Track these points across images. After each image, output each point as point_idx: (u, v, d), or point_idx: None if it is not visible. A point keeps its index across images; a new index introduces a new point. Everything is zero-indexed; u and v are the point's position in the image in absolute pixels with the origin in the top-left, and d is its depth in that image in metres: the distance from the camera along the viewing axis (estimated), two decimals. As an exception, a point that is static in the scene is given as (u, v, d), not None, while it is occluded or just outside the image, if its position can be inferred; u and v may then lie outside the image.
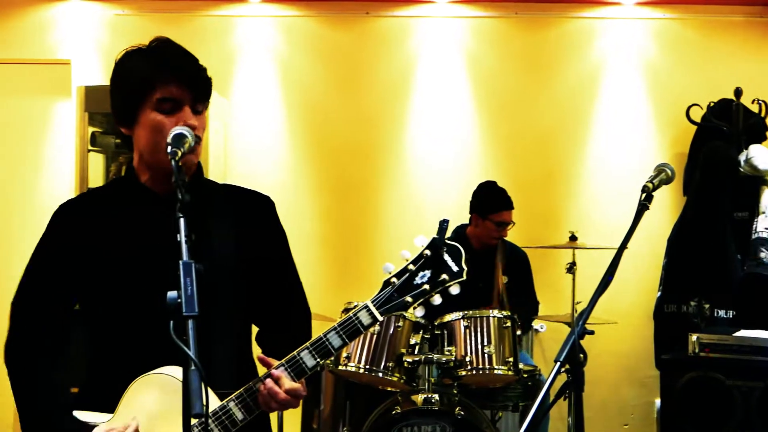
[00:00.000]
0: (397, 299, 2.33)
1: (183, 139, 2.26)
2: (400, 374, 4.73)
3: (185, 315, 1.93)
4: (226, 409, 2.34)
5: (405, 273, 2.34)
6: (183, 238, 2.04)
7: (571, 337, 2.37)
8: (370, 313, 2.33)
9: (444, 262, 2.34)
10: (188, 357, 1.87)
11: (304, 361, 2.34)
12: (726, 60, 6.74)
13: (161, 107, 2.40)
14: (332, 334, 2.34)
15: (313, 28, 6.99)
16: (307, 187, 6.83)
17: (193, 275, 1.98)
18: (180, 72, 2.41)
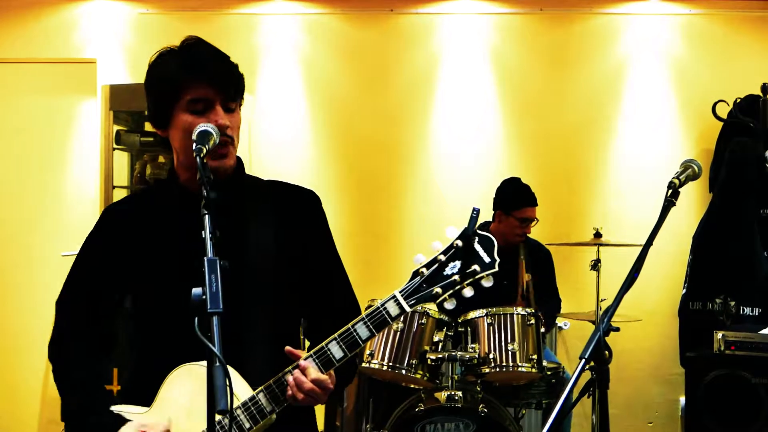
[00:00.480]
0: (425, 290, 2.27)
1: (208, 136, 2.27)
2: (424, 371, 4.72)
3: (210, 312, 1.92)
4: (254, 400, 2.33)
5: (435, 263, 2.27)
6: (208, 235, 2.04)
7: (597, 334, 2.35)
8: (398, 303, 2.29)
9: (476, 253, 2.26)
10: (213, 353, 1.87)
11: (332, 352, 2.32)
12: (752, 55, 6.69)
13: (193, 108, 2.41)
14: (359, 324, 2.31)
15: (337, 25, 6.99)
16: (330, 184, 6.84)
17: (218, 272, 1.97)
18: (209, 72, 2.41)
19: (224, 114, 2.41)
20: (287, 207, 2.61)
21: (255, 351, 2.42)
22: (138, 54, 6.93)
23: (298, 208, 2.64)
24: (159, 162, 6.83)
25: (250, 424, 2.33)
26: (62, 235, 6.84)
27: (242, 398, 2.32)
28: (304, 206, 2.66)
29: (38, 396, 6.82)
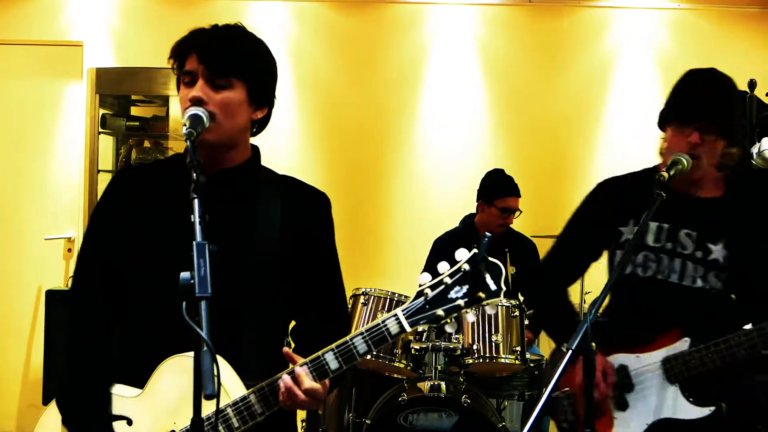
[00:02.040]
0: (428, 311, 2.24)
1: (198, 120, 2.25)
2: (407, 361, 4.72)
3: (198, 296, 1.91)
4: (246, 401, 2.32)
5: (440, 285, 2.24)
6: (197, 219, 2.02)
7: (584, 325, 2.35)
8: (399, 323, 2.26)
9: (482, 279, 2.23)
10: (200, 338, 1.85)
11: (328, 362, 2.30)
12: (740, 51, 6.71)
13: (184, 80, 2.40)
14: (359, 338, 2.29)
15: (326, 13, 6.98)
16: (316, 173, 6.82)
17: (207, 256, 1.96)
18: (198, 44, 2.38)
19: (206, 88, 2.35)
20: (296, 205, 2.58)
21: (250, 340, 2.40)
22: (125, 37, 6.90)
23: (307, 208, 2.61)
24: (144, 146, 6.81)
25: (239, 424, 2.32)
26: (45, 219, 6.81)
27: (233, 394, 2.31)
28: (313, 207, 2.63)
29: (19, 380, 6.79)
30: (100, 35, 6.95)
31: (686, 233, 3.06)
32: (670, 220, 3.08)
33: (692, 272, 3.03)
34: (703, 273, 3.01)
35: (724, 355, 2.88)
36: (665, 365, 3.01)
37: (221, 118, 2.38)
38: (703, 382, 2.96)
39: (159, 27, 6.65)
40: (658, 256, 3.09)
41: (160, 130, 6.71)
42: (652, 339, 3.06)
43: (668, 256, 3.07)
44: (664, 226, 3.09)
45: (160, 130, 6.70)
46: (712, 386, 2.96)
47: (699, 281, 3.02)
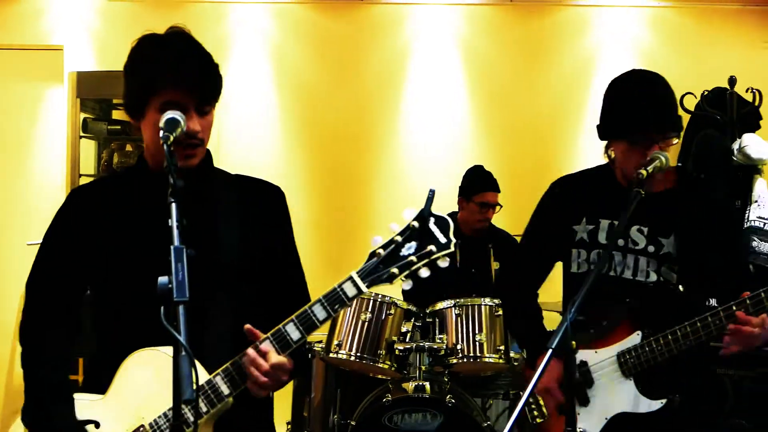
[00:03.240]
0: (382, 270, 2.28)
1: (175, 124, 2.26)
2: (391, 362, 4.72)
3: (176, 300, 1.91)
4: (212, 384, 2.33)
5: (391, 244, 2.30)
6: (174, 223, 2.03)
7: (564, 324, 2.35)
8: (355, 284, 2.30)
9: (431, 234, 2.29)
10: (178, 342, 1.86)
11: (289, 333, 2.32)
12: (720, 49, 6.73)
13: (165, 110, 2.37)
14: (317, 305, 2.32)
15: (307, 14, 6.97)
16: (299, 174, 6.82)
17: (185, 260, 1.96)
18: (187, 77, 2.38)
19: (197, 118, 2.40)
20: (252, 201, 2.61)
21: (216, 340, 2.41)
22: (106, 41, 6.88)
23: (263, 203, 2.64)
24: (126, 150, 6.78)
25: (208, 408, 2.32)
26: (28, 224, 6.78)
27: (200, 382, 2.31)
28: (268, 201, 2.66)
29: (2, 386, 6.76)
30: (80, 39, 6.94)
31: (638, 229, 3.09)
32: None
33: (645, 267, 3.07)
34: (656, 267, 3.05)
35: (672, 347, 2.92)
36: (620, 359, 3.05)
37: (206, 141, 2.47)
38: (655, 374, 3.00)
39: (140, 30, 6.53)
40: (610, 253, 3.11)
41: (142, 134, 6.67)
42: (608, 334, 3.10)
43: (621, 252, 3.10)
44: (615, 223, 3.12)
45: (142, 133, 6.67)
46: (663, 378, 3.00)
47: (653, 275, 3.06)
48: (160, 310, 1.91)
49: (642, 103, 3.07)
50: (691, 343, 2.88)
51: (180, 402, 1.89)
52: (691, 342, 2.88)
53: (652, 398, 2.99)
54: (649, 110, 3.04)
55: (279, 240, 2.64)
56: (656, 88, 3.12)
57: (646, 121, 3.03)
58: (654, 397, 2.99)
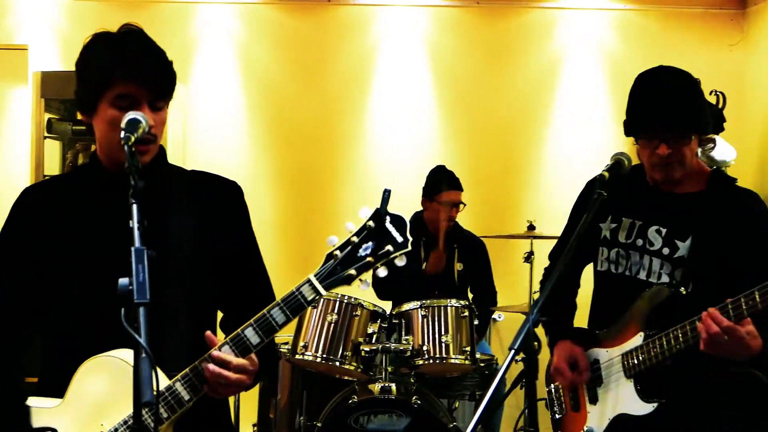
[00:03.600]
0: (340, 272, 2.26)
1: (137, 125, 2.24)
2: (357, 363, 4.71)
3: (136, 302, 1.90)
4: (172, 390, 2.30)
5: (348, 245, 2.27)
6: (135, 224, 2.01)
7: (526, 325, 2.36)
8: (313, 287, 2.27)
9: (388, 233, 2.26)
10: (139, 345, 1.84)
11: (248, 338, 2.29)
12: (685, 51, 6.78)
13: (118, 103, 2.35)
14: (275, 309, 2.29)
15: (274, 15, 6.96)
16: (266, 174, 6.81)
17: (146, 262, 1.95)
18: (139, 70, 2.35)
19: (150, 113, 2.36)
20: (207, 197, 2.58)
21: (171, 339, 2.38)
22: (71, 41, 6.83)
23: (219, 199, 2.61)
24: (91, 151, 6.72)
25: (168, 414, 2.30)
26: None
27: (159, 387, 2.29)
28: (224, 197, 2.63)
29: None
30: (45, 39, 6.89)
31: (656, 230, 3.06)
32: (643, 216, 3.09)
33: (658, 269, 3.03)
34: (670, 270, 3.01)
35: (665, 349, 2.89)
36: (623, 360, 3.05)
37: (159, 137, 2.43)
38: (653, 376, 2.99)
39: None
40: (627, 252, 3.11)
41: (107, 134, 6.63)
42: (618, 334, 3.10)
43: (638, 252, 3.08)
44: (636, 222, 3.10)
45: (107, 134, 6.62)
46: (661, 381, 2.98)
47: (665, 278, 3.02)
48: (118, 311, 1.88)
49: (651, 99, 3.00)
50: (681, 346, 2.85)
51: (140, 404, 1.87)
52: (680, 345, 2.85)
53: (646, 401, 2.98)
54: (655, 107, 2.97)
55: (237, 235, 2.61)
56: (672, 84, 3.01)
57: (650, 119, 2.99)
58: (648, 399, 2.98)
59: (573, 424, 3.23)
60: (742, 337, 2.68)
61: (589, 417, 3.15)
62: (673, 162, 2.97)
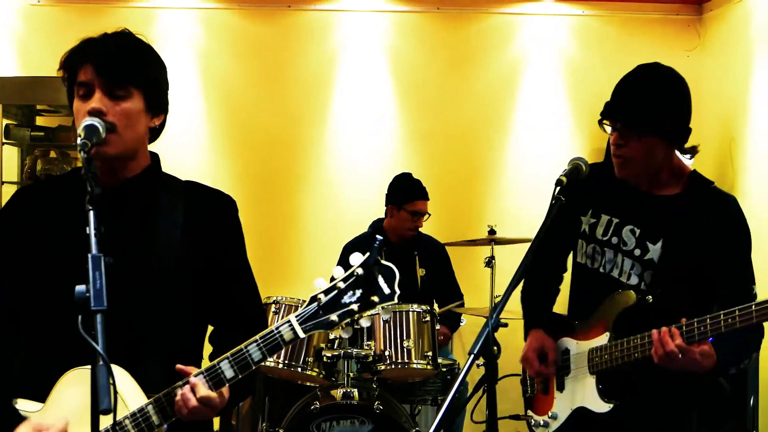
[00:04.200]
0: (321, 317, 2.22)
1: (93, 131, 2.22)
2: (319, 369, 4.71)
3: (93, 309, 1.88)
4: (143, 412, 2.29)
5: (333, 290, 2.23)
6: (92, 231, 2.00)
7: (485, 330, 2.37)
8: (293, 329, 2.24)
9: (376, 283, 2.22)
10: (96, 352, 1.83)
11: (223, 371, 2.28)
12: (643, 57, 6.64)
13: (79, 92, 2.36)
14: (253, 346, 2.27)
15: (234, 20, 6.94)
16: (227, 181, 6.78)
17: (102, 269, 1.93)
18: (93, 55, 2.34)
19: (105, 99, 2.32)
20: (200, 209, 2.56)
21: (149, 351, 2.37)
22: (29, 46, 6.78)
23: (212, 212, 2.59)
24: (50, 157, 6.67)
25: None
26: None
27: (133, 405, 2.28)
28: (217, 210, 2.61)
29: None
30: (3, 44, 6.81)
31: (630, 229, 3.09)
32: (620, 214, 3.13)
33: (629, 268, 3.07)
34: (639, 271, 3.05)
35: (625, 354, 2.95)
36: (589, 356, 3.12)
37: (122, 129, 2.36)
38: (614, 376, 3.04)
39: (64, 35, 6.45)
40: (603, 249, 3.15)
41: (66, 140, 6.58)
42: (588, 330, 3.16)
43: (613, 250, 3.12)
44: (614, 220, 3.14)
45: (66, 140, 6.57)
46: (621, 382, 3.04)
47: (634, 278, 3.06)
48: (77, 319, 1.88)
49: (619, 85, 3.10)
50: (639, 355, 2.90)
51: (98, 413, 1.86)
52: (638, 354, 2.90)
53: (605, 400, 3.04)
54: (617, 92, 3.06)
55: (226, 250, 2.58)
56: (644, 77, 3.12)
57: (608, 105, 3.06)
58: (607, 399, 3.04)
59: (541, 405, 3.32)
60: (695, 358, 2.75)
61: (555, 402, 3.23)
62: (622, 155, 3.01)
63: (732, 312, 2.65)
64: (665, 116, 3.02)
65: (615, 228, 3.12)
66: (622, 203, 3.11)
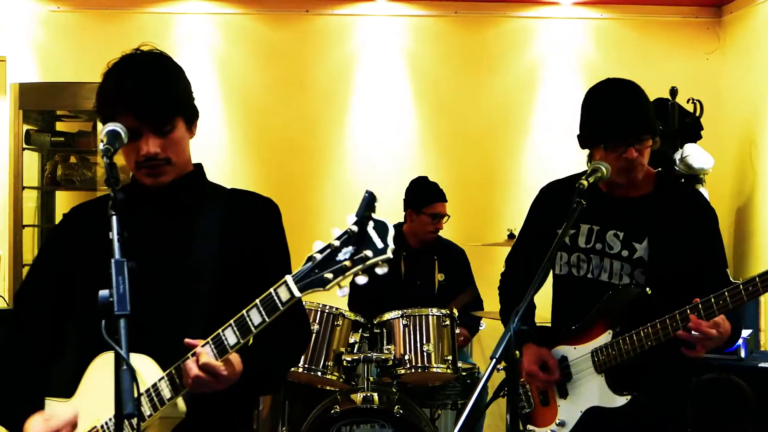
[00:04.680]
0: (316, 275, 2.19)
1: (116, 137, 2.24)
2: (339, 373, 4.72)
3: (117, 314, 1.90)
4: (155, 387, 2.32)
5: (328, 249, 2.20)
6: (115, 236, 2.02)
7: (507, 334, 2.37)
8: (289, 288, 2.22)
9: (369, 238, 2.18)
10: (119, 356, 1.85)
11: (227, 337, 2.28)
12: (662, 60, 6.83)
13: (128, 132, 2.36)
14: (253, 309, 2.26)
15: (252, 25, 6.96)
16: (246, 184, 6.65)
17: (125, 274, 1.95)
18: (133, 104, 2.37)
19: (155, 140, 2.39)
20: (242, 213, 2.61)
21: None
22: (49, 52, 6.81)
23: (253, 215, 2.64)
24: (70, 162, 6.71)
25: (151, 411, 2.31)
26: (-30, 237, 6.69)
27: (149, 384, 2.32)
28: (258, 214, 2.66)
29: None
30: (23, 50, 6.85)
31: (614, 233, 3.22)
32: (600, 221, 3.25)
33: (619, 270, 3.20)
34: (630, 271, 3.18)
35: (635, 346, 3.06)
36: (593, 356, 3.20)
37: (175, 159, 2.45)
38: (623, 372, 3.15)
39: (83, 41, 6.58)
40: (588, 256, 3.27)
41: (86, 145, 6.62)
42: (585, 333, 3.25)
43: (598, 256, 3.24)
44: (594, 227, 3.26)
45: (86, 145, 6.61)
46: (630, 376, 3.15)
47: (626, 278, 3.19)
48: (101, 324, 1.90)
49: (614, 108, 3.19)
50: (652, 343, 3.01)
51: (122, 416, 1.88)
52: (651, 342, 3.02)
53: (619, 394, 3.14)
54: (621, 114, 3.16)
55: (266, 253, 2.62)
56: (628, 93, 3.25)
57: (618, 125, 3.14)
58: (621, 393, 3.14)
59: (543, 416, 3.37)
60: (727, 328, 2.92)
61: (559, 410, 3.30)
62: (637, 165, 3.15)
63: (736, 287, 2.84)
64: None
65: (597, 235, 3.25)
66: (599, 211, 3.21)
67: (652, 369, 3.13)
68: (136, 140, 2.38)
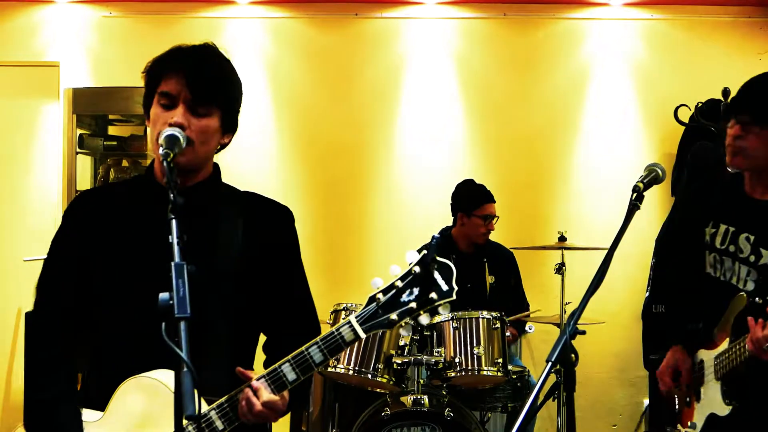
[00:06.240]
0: (381, 316, 2.24)
1: (175, 142, 2.26)
2: (390, 376, 4.72)
3: (177, 317, 1.91)
4: (207, 418, 2.32)
5: (392, 289, 2.24)
6: (175, 240, 2.03)
7: (563, 337, 2.36)
8: (353, 329, 2.26)
9: (434, 280, 2.22)
10: (180, 359, 1.86)
11: (285, 374, 2.30)
12: (713, 60, 6.76)
13: (161, 101, 2.41)
14: (314, 348, 2.29)
15: (301, 29, 6.99)
16: (296, 189, 6.82)
17: (185, 277, 1.96)
18: (183, 67, 2.39)
19: (188, 114, 2.38)
20: (258, 219, 2.60)
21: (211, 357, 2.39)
22: (101, 57, 6.89)
23: (269, 222, 2.63)
24: (123, 166, 6.79)
25: None
26: (24, 240, 6.78)
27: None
28: (275, 221, 2.65)
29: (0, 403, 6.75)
30: (76, 55, 6.94)
31: (746, 237, 3.17)
32: (736, 223, 3.21)
33: (745, 275, 3.16)
34: (756, 277, 3.12)
35: (737, 355, 3.03)
36: (715, 363, 3.21)
37: (197, 144, 2.42)
38: (736, 380, 3.13)
39: (135, 46, 6.65)
40: (722, 258, 3.24)
41: (138, 149, 6.70)
42: (718, 337, 3.25)
43: (730, 258, 3.21)
44: (730, 228, 3.22)
45: (138, 149, 6.69)
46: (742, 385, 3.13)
47: (750, 284, 3.14)
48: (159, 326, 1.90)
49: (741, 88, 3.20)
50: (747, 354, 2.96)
51: (182, 419, 1.89)
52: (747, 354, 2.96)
53: (727, 403, 3.13)
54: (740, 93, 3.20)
55: (283, 260, 2.62)
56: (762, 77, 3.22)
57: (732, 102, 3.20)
58: (729, 402, 3.13)
59: (686, 417, 3.41)
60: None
61: (694, 413, 3.34)
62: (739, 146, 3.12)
63: None
64: None
65: (732, 237, 3.20)
66: (737, 212, 3.19)
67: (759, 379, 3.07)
68: (170, 110, 2.38)
